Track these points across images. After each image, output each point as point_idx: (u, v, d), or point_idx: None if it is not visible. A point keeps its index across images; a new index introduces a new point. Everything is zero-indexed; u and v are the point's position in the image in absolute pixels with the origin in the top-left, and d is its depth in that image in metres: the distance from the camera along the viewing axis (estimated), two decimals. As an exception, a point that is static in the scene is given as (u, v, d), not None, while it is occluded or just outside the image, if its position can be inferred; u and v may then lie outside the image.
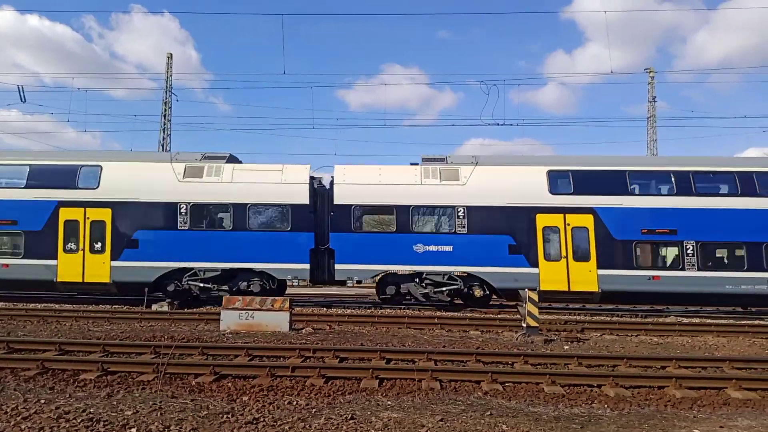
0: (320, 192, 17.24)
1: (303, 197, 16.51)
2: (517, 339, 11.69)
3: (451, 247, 16.20)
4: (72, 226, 16.40)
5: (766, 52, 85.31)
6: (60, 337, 10.66)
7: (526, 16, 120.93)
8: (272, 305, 11.76)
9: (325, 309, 15.67)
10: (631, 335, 12.69)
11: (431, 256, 16.21)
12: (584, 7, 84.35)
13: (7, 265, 16.43)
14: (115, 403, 6.26)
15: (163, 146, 35.47)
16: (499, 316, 15.12)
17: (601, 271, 15.87)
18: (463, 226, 16.30)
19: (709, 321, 14.67)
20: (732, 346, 11.47)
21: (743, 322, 14.20)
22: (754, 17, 77.56)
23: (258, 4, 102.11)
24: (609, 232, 15.99)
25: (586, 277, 15.90)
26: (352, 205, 16.43)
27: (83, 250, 16.37)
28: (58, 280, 16.31)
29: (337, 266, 16.35)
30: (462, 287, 16.33)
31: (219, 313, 12.25)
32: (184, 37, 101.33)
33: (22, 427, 5.43)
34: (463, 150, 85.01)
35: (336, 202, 16.50)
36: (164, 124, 35.97)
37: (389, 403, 6.55)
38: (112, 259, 16.31)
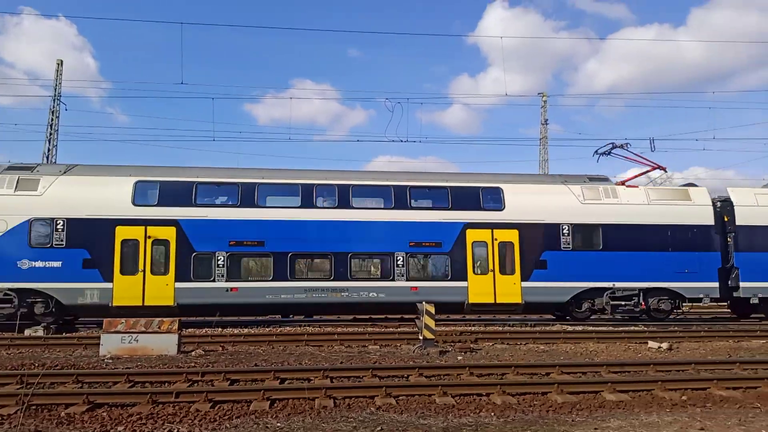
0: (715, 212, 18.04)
1: (709, 218, 17.65)
2: (413, 352, 11.83)
3: None
4: (489, 246, 16.97)
5: (646, 81, 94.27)
6: None
7: (433, 40, 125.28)
8: (159, 327, 11.10)
9: (219, 329, 15.04)
10: (521, 344, 13.26)
11: None
12: (486, 33, 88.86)
13: (416, 288, 16.57)
14: (-36, 443, 5.57)
15: (48, 158, 32.83)
16: (399, 329, 15.28)
17: None
18: None
19: (590, 328, 15.67)
20: (610, 352, 12.30)
21: (620, 329, 15.33)
22: (637, 49, 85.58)
23: (158, 12, 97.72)
24: None
25: None
26: (757, 227, 17.73)
27: (492, 271, 16.79)
28: (470, 301, 16.72)
29: (742, 284, 17.37)
30: None
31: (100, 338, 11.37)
32: (82, 44, 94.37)
33: None
34: (371, 166, 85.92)
35: (738, 223, 17.76)
36: (50, 134, 33.34)
37: (279, 424, 6.34)
38: (527, 279, 16.82)
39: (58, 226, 15.54)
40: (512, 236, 17.08)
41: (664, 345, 12.49)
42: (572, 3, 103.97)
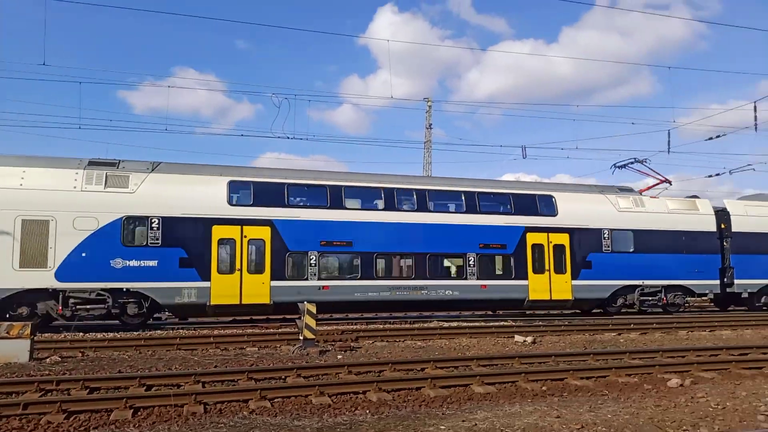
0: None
1: (712, 226, 20.80)
2: (293, 352, 11.67)
3: None
4: (544, 248, 18.94)
5: (522, 92, 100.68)
6: None
7: (325, 38, 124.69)
8: (8, 332, 9.98)
9: (81, 334, 13.87)
10: (399, 341, 13.58)
11: None
12: (376, 36, 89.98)
13: (485, 286, 18.11)
14: None
15: None
16: (279, 330, 15.02)
17: None
18: None
19: (465, 324, 16.41)
20: (481, 346, 12.96)
21: (491, 324, 16.21)
22: (514, 61, 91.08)
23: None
24: None
25: None
26: (747, 233, 21.29)
27: (547, 271, 18.75)
28: (530, 298, 18.57)
29: (736, 281, 20.87)
30: None
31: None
32: None
33: None
34: (257, 162, 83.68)
35: (734, 229, 21.17)
36: None
37: (142, 434, 5.95)
38: (576, 277, 18.98)
39: (153, 225, 15.37)
40: (564, 239, 19.19)
41: (529, 339, 13.40)
42: (457, 13, 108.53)
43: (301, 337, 12.08)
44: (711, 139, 42.26)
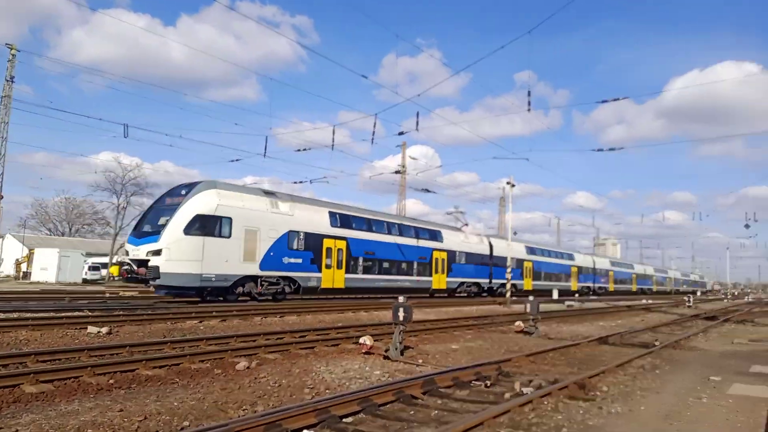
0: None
1: (488, 251, 40.28)
2: None
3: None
4: (439, 260, 34.81)
5: (132, 67, 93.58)
6: None
7: None
8: None
9: None
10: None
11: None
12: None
13: (419, 280, 33.41)
14: None
15: None
16: None
17: None
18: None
19: (27, 315, 14.16)
20: (44, 339, 11.36)
21: (61, 315, 14.48)
22: (128, 32, 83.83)
23: None
24: None
25: None
26: (500, 255, 38.81)
27: (439, 273, 34.71)
28: (432, 287, 34.15)
29: (494, 280, 40.26)
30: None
31: None
32: None
33: None
34: None
35: (494, 254, 40.34)
36: None
37: None
38: (447, 276, 35.46)
39: (300, 237, 25.05)
40: (445, 255, 35.17)
41: (104, 329, 12.44)
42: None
43: None
44: (300, 150, 48.56)
